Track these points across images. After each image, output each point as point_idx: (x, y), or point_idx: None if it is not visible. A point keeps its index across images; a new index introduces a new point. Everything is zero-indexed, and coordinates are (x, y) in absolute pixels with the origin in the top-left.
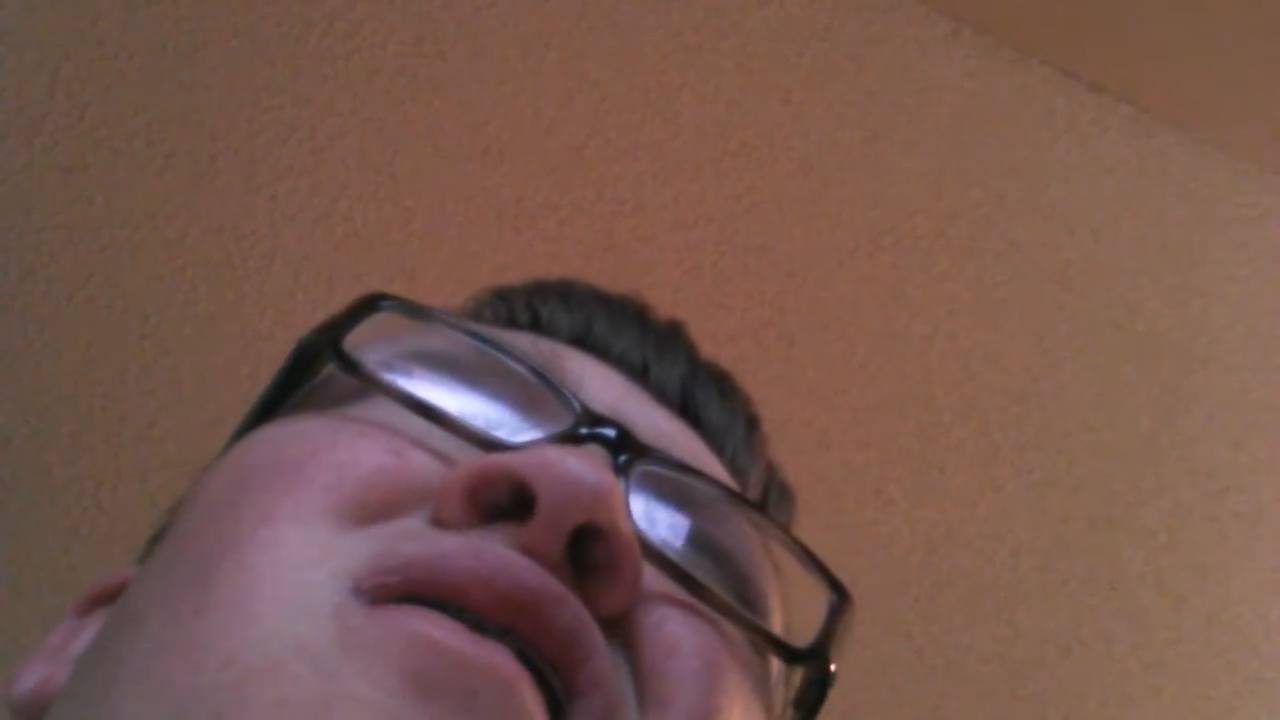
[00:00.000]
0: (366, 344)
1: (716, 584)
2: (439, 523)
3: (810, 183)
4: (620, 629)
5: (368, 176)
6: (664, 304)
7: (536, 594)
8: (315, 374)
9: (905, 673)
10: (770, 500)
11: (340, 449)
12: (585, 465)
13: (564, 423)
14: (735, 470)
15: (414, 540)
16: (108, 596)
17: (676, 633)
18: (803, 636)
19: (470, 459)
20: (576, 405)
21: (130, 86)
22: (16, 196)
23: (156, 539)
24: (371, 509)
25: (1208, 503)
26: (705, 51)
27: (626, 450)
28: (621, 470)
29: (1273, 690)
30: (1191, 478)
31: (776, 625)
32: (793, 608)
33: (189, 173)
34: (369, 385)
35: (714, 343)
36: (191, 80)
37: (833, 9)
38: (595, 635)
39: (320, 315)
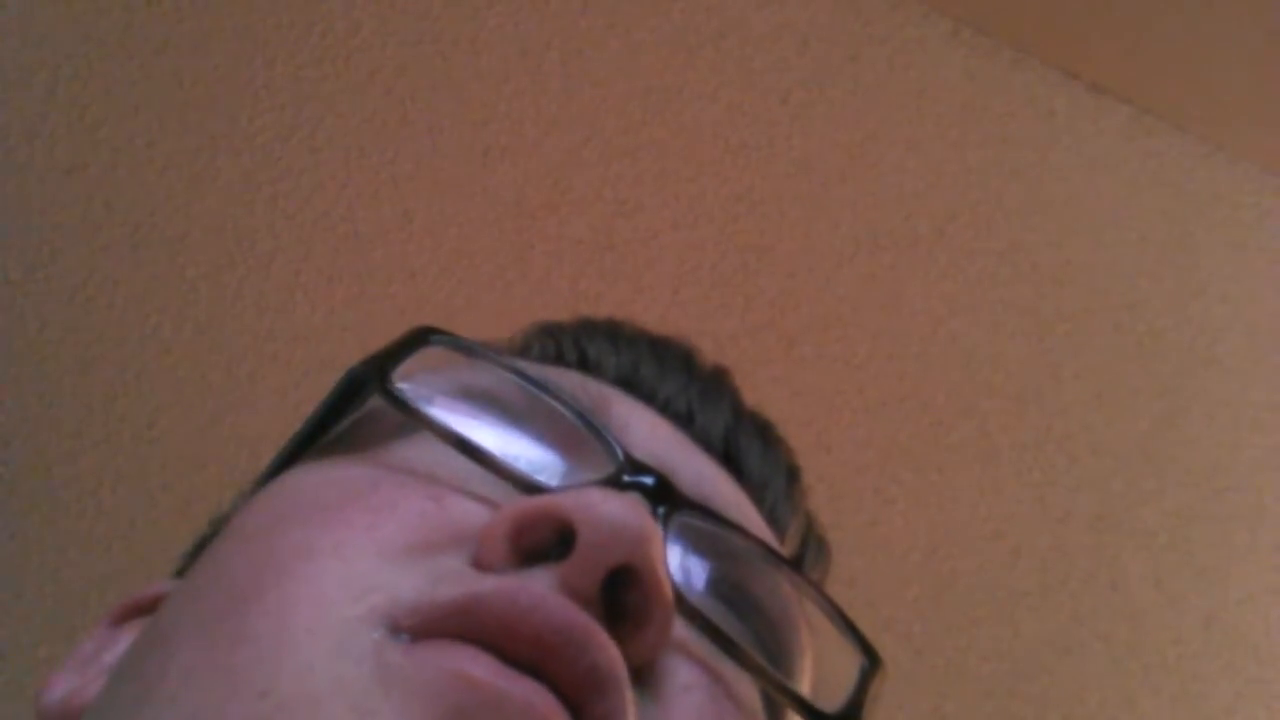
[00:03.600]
0: (413, 377)
1: (747, 640)
2: (480, 564)
3: (810, 183)
4: (648, 681)
5: (368, 176)
6: (664, 304)
7: (565, 631)
8: (361, 404)
9: (905, 673)
10: (807, 554)
11: (380, 495)
12: (627, 508)
13: (606, 469)
14: (773, 522)
15: (450, 583)
16: (142, 609)
17: (702, 702)
18: (831, 690)
19: (513, 503)
20: (619, 452)
21: (130, 86)
22: (16, 196)
23: (194, 554)
24: (411, 549)
25: (1208, 503)
26: (705, 51)
27: (666, 501)
28: (660, 520)
29: (1272, 691)
30: (1191, 478)
31: (805, 685)
32: (823, 663)
33: (189, 173)
34: (415, 421)
35: (714, 343)
36: (191, 80)
37: (833, 9)
38: (620, 672)
39: (319, 316)
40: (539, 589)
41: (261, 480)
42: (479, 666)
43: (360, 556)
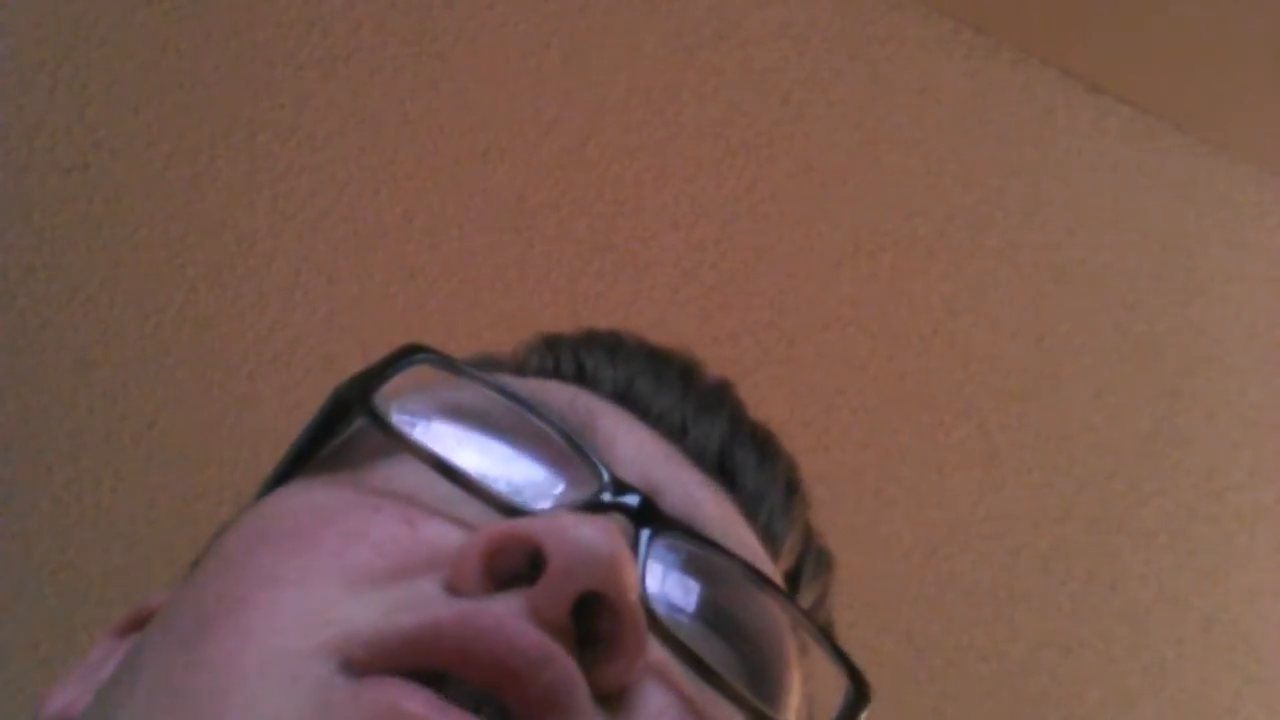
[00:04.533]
0: (402, 394)
1: (728, 666)
2: (453, 588)
3: (810, 183)
4: (620, 707)
5: (368, 176)
6: (664, 304)
7: (523, 655)
8: (349, 424)
9: (905, 673)
10: (804, 569)
11: (353, 520)
12: (598, 533)
13: (590, 488)
14: (768, 537)
15: (411, 611)
16: (145, 620)
17: None
18: (827, 710)
19: (486, 527)
20: (603, 471)
21: (130, 86)
22: (16, 196)
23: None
24: (381, 575)
25: (1208, 503)
26: (705, 51)
27: (648, 521)
28: (641, 541)
29: (1272, 691)
30: (1191, 478)
31: (791, 711)
32: (819, 682)
33: (189, 173)
34: (394, 443)
35: (714, 343)
36: (191, 80)
37: (833, 9)
38: (578, 693)
39: (319, 316)
40: (499, 613)
41: (257, 496)
42: (413, 703)
43: (323, 586)
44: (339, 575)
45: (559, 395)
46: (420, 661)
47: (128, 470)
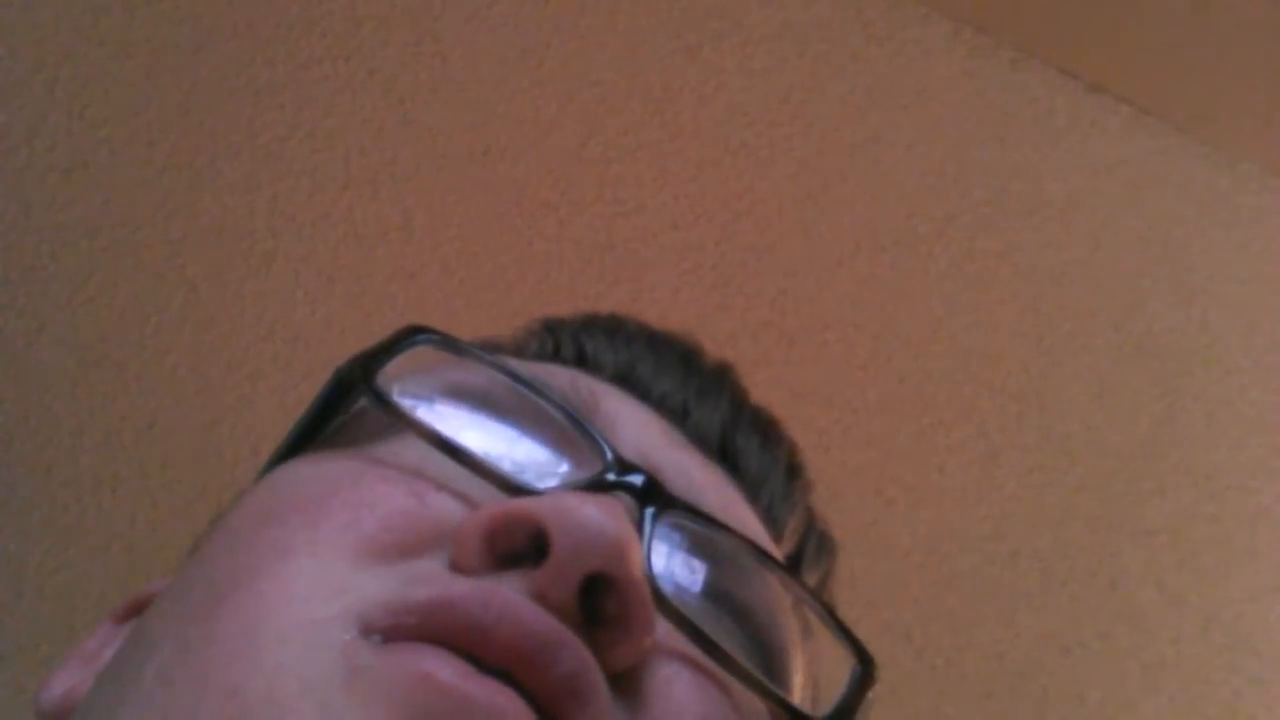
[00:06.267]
0: (403, 376)
1: (734, 644)
2: (456, 566)
3: (810, 183)
4: (629, 685)
5: (368, 176)
6: (664, 304)
7: (539, 639)
8: (351, 405)
9: (905, 673)
10: (806, 552)
11: (361, 490)
12: (602, 513)
13: (593, 468)
14: (770, 520)
15: (424, 585)
16: (144, 606)
17: (685, 696)
18: (831, 689)
19: (488, 505)
20: (607, 451)
21: (130, 86)
22: (16, 196)
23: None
24: (389, 549)
25: (1208, 503)
26: (705, 51)
27: (653, 500)
28: (646, 520)
29: (1272, 691)
30: (1191, 478)
31: (796, 689)
32: (823, 663)
33: (189, 173)
34: (396, 420)
35: (714, 343)
36: (191, 80)
37: (833, 9)
38: (595, 679)
39: (319, 316)
40: (511, 595)
41: (259, 477)
42: (447, 669)
43: (336, 556)
44: (350, 547)
45: (560, 377)
46: (434, 636)
47: (128, 470)
